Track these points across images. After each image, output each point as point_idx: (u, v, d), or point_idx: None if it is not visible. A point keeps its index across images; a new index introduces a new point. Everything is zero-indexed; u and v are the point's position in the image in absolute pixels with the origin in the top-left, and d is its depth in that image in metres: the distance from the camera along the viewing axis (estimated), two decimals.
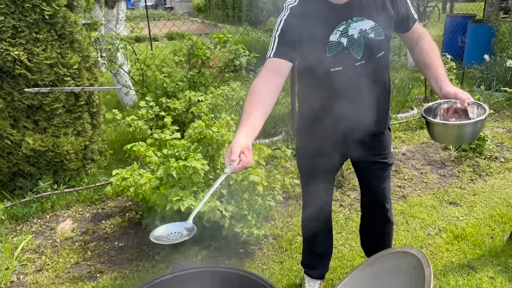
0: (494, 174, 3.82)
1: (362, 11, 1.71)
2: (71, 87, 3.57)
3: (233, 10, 16.95)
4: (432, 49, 1.88)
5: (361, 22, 1.72)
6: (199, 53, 4.39)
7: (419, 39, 1.90)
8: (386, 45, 1.81)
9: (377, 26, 1.73)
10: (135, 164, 2.76)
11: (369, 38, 1.73)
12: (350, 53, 1.73)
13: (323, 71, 1.75)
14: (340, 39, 1.71)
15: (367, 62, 1.76)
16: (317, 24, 1.70)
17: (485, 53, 6.89)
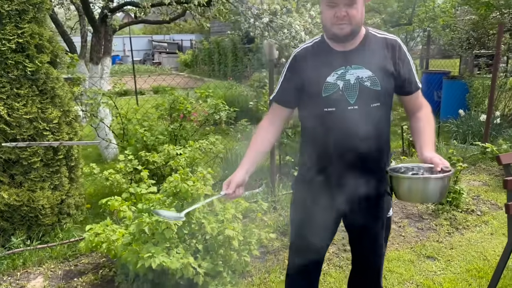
0: (470, 227, 3.86)
1: (362, 60, 1.81)
2: (50, 141, 3.58)
3: (219, 66, 17.45)
4: (428, 119, 1.92)
5: (359, 70, 1.81)
6: (181, 107, 4.48)
7: (419, 109, 1.94)
8: (383, 98, 1.83)
9: (374, 77, 1.80)
10: (108, 219, 2.73)
11: (364, 85, 1.80)
12: (344, 96, 1.80)
13: (318, 111, 1.85)
14: (336, 81, 1.81)
15: (360, 108, 1.80)
16: (317, 66, 1.85)
17: (461, 108, 7.15)
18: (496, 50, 5.69)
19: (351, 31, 1.76)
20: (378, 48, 1.84)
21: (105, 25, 5.59)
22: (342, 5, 1.71)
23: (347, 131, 1.81)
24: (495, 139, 6.01)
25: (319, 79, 1.83)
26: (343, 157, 1.84)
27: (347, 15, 1.72)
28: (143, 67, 20.24)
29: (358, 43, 1.83)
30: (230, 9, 5.78)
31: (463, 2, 8.66)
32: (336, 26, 1.75)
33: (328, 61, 1.84)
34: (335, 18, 1.74)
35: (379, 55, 1.83)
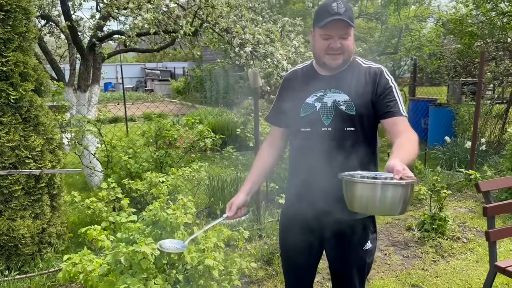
0: (456, 255, 3.83)
1: (341, 85, 1.86)
2: (32, 169, 3.56)
3: (211, 93, 17.58)
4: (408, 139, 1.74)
5: (337, 94, 1.85)
6: (166, 134, 4.48)
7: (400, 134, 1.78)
8: (358, 123, 1.83)
9: (350, 101, 1.83)
10: (85, 249, 2.68)
11: (340, 109, 1.83)
12: (320, 117, 1.85)
13: (296, 130, 1.94)
14: (314, 103, 1.88)
15: (333, 130, 1.83)
16: (300, 88, 1.95)
17: (447, 134, 7.23)
18: (479, 78, 5.80)
19: (343, 61, 1.83)
20: (360, 75, 1.87)
21: (94, 53, 5.64)
22: (337, 37, 1.77)
23: (320, 152, 1.83)
24: (480, 165, 6.05)
25: (299, 100, 1.91)
26: (316, 179, 1.86)
27: (342, 46, 1.79)
28: (136, 94, 20.34)
29: (342, 69, 1.88)
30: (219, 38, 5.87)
31: (448, 32, 8.88)
32: (329, 56, 1.81)
33: (311, 84, 1.92)
34: (329, 49, 1.79)
35: (359, 81, 1.85)
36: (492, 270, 2.70)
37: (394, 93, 1.86)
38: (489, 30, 8.18)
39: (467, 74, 11.14)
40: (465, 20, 8.11)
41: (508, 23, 8.02)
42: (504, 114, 7.43)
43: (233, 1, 5.09)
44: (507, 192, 4.94)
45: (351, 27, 1.77)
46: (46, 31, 6.67)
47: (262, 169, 2.07)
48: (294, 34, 4.79)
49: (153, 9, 4.14)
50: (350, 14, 1.76)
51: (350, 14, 1.77)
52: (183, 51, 6.40)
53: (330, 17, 1.73)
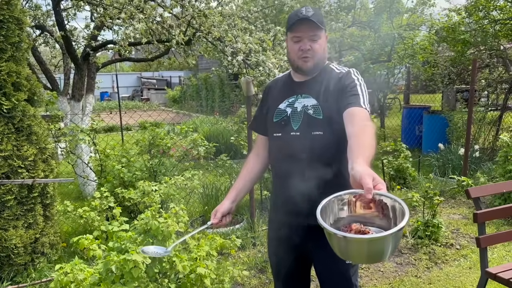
0: (449, 262, 3.84)
1: (310, 90, 1.90)
2: (25, 178, 3.55)
3: (207, 101, 17.63)
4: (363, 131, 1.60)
5: (306, 98, 1.89)
6: (160, 143, 4.49)
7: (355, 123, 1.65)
8: (327, 127, 1.81)
9: (317, 105, 1.85)
10: (77, 258, 2.68)
11: (308, 113, 1.86)
12: (290, 122, 1.89)
13: (270, 135, 2.00)
14: (286, 108, 1.93)
15: (301, 134, 1.85)
16: (276, 95, 2.01)
17: (441, 141, 7.27)
18: (471, 85, 5.85)
19: (314, 65, 1.87)
20: (330, 79, 1.88)
21: (88, 63, 5.66)
22: (306, 39, 1.82)
23: (290, 156, 1.87)
24: (474, 172, 6.08)
25: (273, 106, 1.98)
26: (288, 185, 1.89)
27: (311, 49, 1.83)
28: (132, 103, 20.34)
29: (314, 74, 1.92)
30: (213, 48, 5.91)
31: (441, 40, 8.94)
32: (300, 60, 1.86)
33: (285, 90, 1.98)
34: (300, 51, 1.84)
35: (328, 85, 1.87)
36: (483, 276, 2.71)
37: (357, 88, 1.79)
38: (481, 38, 8.25)
39: (461, 81, 11.22)
40: (457, 28, 8.18)
41: (500, 31, 8.10)
42: (497, 120, 7.48)
43: (226, 10, 5.13)
44: (500, 198, 4.96)
45: (320, 29, 1.82)
46: (41, 41, 6.68)
47: (248, 177, 2.09)
48: None
49: (145, 19, 4.17)
50: (318, 18, 1.81)
51: (319, 18, 1.82)
52: (177, 60, 6.43)
53: (296, 19, 1.81)
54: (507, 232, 2.86)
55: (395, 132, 10.68)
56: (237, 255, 3.97)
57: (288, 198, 1.88)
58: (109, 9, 4.32)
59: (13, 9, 3.59)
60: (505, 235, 2.85)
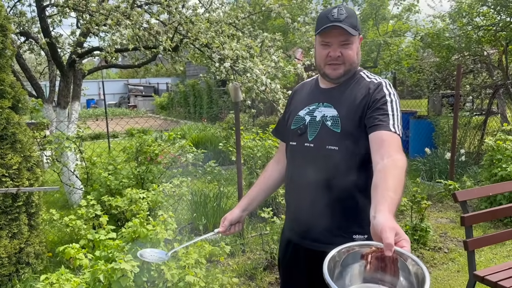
0: (438, 265, 3.86)
1: (333, 99, 1.70)
2: (9, 187, 3.49)
3: (195, 108, 17.59)
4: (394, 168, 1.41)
5: (328, 108, 1.69)
6: (148, 150, 4.46)
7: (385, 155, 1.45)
8: (343, 142, 1.62)
9: (337, 117, 1.65)
10: (63, 268, 2.63)
11: (325, 124, 1.67)
12: (306, 132, 1.71)
13: (287, 142, 1.84)
14: (305, 116, 1.75)
15: (315, 147, 1.67)
16: (299, 101, 1.84)
17: (428, 146, 7.34)
18: (456, 90, 5.93)
19: (344, 72, 1.67)
20: (357, 89, 1.67)
21: (74, 69, 5.60)
22: (336, 45, 1.63)
23: (301, 169, 1.71)
24: (460, 176, 6.14)
25: (294, 112, 1.81)
26: (296, 200, 1.77)
27: (342, 55, 1.63)
28: (118, 110, 20.21)
29: (342, 82, 1.71)
30: (201, 54, 5.90)
31: (426, 46, 9.08)
32: (328, 66, 1.67)
33: (309, 97, 1.80)
34: (328, 57, 1.65)
35: (354, 95, 1.66)
36: (471, 279, 2.73)
37: (388, 106, 1.58)
38: (465, 44, 8.40)
39: (446, 86, 11.38)
40: (442, 34, 8.31)
41: (484, 37, 8.25)
42: (482, 125, 7.59)
43: (213, 17, 5.14)
44: (487, 201, 5.02)
45: (352, 35, 1.60)
46: (26, 48, 6.61)
47: (263, 185, 1.94)
48: (273, 49, 4.85)
49: (132, 25, 4.15)
50: (352, 21, 1.61)
51: (353, 21, 1.61)
52: (164, 66, 6.41)
53: (328, 23, 1.60)
54: (494, 234, 2.89)
55: None
56: (226, 262, 3.94)
57: (295, 212, 1.78)
58: (96, 16, 4.28)
59: None
60: (492, 237, 2.88)
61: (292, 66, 4.73)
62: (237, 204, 1.92)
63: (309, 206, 1.68)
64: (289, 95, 2.04)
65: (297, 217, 1.77)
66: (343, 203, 1.63)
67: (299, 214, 1.75)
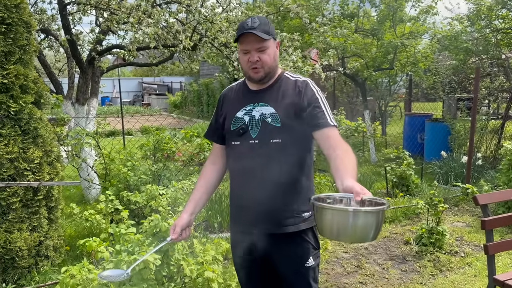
0: (454, 269, 3.83)
1: (268, 99, 1.92)
2: (30, 181, 3.55)
3: (208, 107, 17.66)
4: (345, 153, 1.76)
5: (264, 107, 1.91)
6: (165, 147, 4.50)
7: (335, 148, 1.78)
8: (284, 135, 1.86)
9: (275, 113, 1.88)
10: (85, 260, 2.67)
11: (266, 121, 1.88)
12: (248, 130, 1.90)
13: (228, 144, 1.99)
14: (243, 117, 1.93)
15: (260, 142, 1.87)
16: (232, 103, 2.01)
17: (443, 149, 7.28)
18: (474, 94, 5.88)
19: (265, 74, 1.88)
20: (287, 88, 1.93)
21: (93, 67, 5.67)
22: (254, 51, 1.84)
23: (248, 163, 1.88)
24: (477, 180, 6.08)
25: (230, 114, 1.98)
26: (247, 193, 1.90)
27: (260, 60, 1.85)
28: (133, 108, 20.39)
29: (271, 83, 1.94)
30: (217, 53, 5.93)
31: (443, 48, 8.99)
32: (251, 70, 1.88)
33: (241, 99, 1.99)
34: (249, 63, 1.86)
35: (285, 94, 1.91)
36: (491, 284, 2.70)
37: (321, 103, 1.89)
38: (483, 47, 8.30)
39: (462, 90, 11.27)
40: (460, 37, 8.23)
41: (502, 40, 8.15)
42: (499, 129, 7.50)
43: (232, 16, 5.16)
44: (504, 206, 4.96)
45: (266, 40, 1.82)
46: (46, 44, 6.71)
47: (204, 188, 2.06)
48: (291, 49, 4.86)
49: (154, 24, 4.19)
50: (265, 28, 1.82)
51: (266, 28, 1.83)
52: (181, 65, 6.45)
53: (244, 31, 1.81)
54: None
55: (396, 139, 10.71)
56: None
57: (248, 205, 1.90)
58: (118, 14, 4.33)
59: (22, 12, 3.60)
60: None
61: (310, 66, 4.72)
62: (184, 210, 2.02)
63: (262, 196, 1.85)
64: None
65: (250, 208, 1.89)
66: (292, 188, 1.88)
67: (253, 204, 1.88)
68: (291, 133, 1.87)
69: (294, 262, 1.92)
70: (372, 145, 8.50)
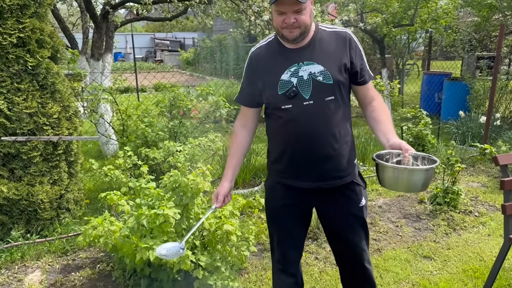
0: (468, 228, 3.86)
1: (313, 56, 1.87)
2: (49, 136, 3.60)
3: (221, 64, 17.45)
4: (382, 108, 1.98)
5: (311, 65, 1.86)
6: (181, 105, 4.49)
7: (372, 99, 1.99)
8: (336, 91, 1.87)
9: (325, 71, 1.85)
10: (107, 212, 2.74)
11: (317, 80, 1.85)
12: (299, 93, 1.86)
13: (276, 108, 1.91)
14: (290, 79, 1.87)
15: (315, 103, 1.85)
16: (271, 65, 1.92)
17: (461, 109, 7.16)
18: (497, 52, 5.69)
19: (300, 33, 1.83)
20: (328, 42, 1.89)
21: (107, 21, 5.60)
22: (290, 13, 1.77)
23: (305, 126, 1.87)
24: (494, 141, 6.01)
25: (274, 77, 1.89)
26: (305, 152, 1.91)
27: (296, 21, 1.78)
28: (145, 65, 20.26)
29: (309, 39, 1.89)
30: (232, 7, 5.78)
31: (466, 4, 8.65)
32: (285, 30, 1.82)
33: (281, 59, 1.91)
34: (284, 23, 1.80)
35: (330, 49, 1.88)
36: (506, 243, 2.72)
37: (364, 56, 1.95)
38: (507, 3, 7.96)
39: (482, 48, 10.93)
40: None
41: None
42: None
43: None
44: None
45: (303, 3, 1.76)
46: None
47: (240, 153, 2.10)
48: None
49: None
50: None
51: None
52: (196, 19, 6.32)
53: None
54: None
55: (413, 99, 10.54)
56: (256, 216, 4.03)
57: (306, 163, 1.92)
58: None
59: None
60: None
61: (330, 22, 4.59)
62: (224, 178, 2.08)
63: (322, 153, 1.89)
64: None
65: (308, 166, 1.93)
66: (346, 141, 1.95)
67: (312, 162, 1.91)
68: (341, 88, 1.89)
69: (351, 206, 2.02)
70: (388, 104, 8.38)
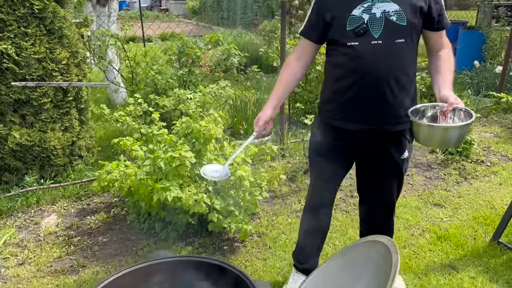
0: (479, 177, 3.86)
1: None
2: (59, 82, 3.56)
3: (228, 13, 17.01)
4: (449, 58, 1.92)
5: (386, 3, 1.76)
6: (190, 52, 4.40)
7: (441, 47, 1.93)
8: (409, 34, 1.79)
9: (400, 11, 1.75)
10: (122, 156, 2.75)
11: (390, 20, 1.75)
12: (369, 30, 1.76)
13: (341, 44, 1.83)
14: (362, 15, 1.77)
15: (384, 43, 1.76)
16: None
17: (476, 59, 6.98)
18: None
19: None
20: None
21: None
22: None
23: (370, 64, 1.78)
24: (509, 91, 5.89)
25: (344, 11, 1.79)
26: (364, 93, 1.84)
27: None
28: (150, 13, 19.80)
29: None
30: None
31: None
32: None
33: None
34: None
35: None
36: None
37: (442, 2, 1.85)
38: None
39: None
40: None
41: None
42: None
43: None
44: None
45: None
46: None
47: (289, 82, 2.02)
48: None
49: None
50: None
51: None
52: None
53: None
54: None
55: None
56: (268, 164, 4.05)
57: (365, 104, 1.86)
58: None
59: None
60: None
61: None
62: (268, 105, 2.01)
63: (384, 95, 1.83)
64: None
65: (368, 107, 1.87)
66: (408, 87, 1.89)
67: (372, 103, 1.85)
68: (413, 32, 1.80)
69: (393, 155, 2.00)
70: None
